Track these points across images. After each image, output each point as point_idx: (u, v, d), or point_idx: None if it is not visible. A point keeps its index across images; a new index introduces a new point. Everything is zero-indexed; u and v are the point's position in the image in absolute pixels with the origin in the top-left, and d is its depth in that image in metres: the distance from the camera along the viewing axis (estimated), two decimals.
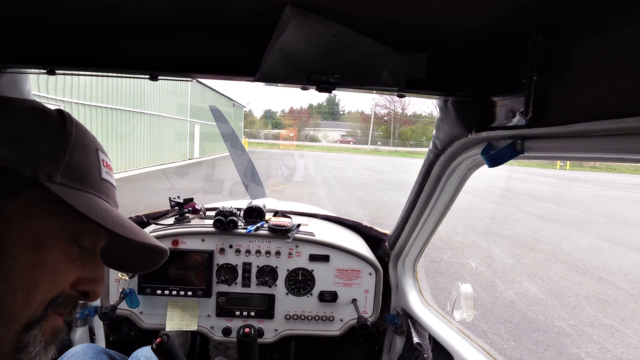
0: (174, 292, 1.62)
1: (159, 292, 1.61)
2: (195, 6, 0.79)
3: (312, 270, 1.69)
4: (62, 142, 0.58)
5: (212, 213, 1.82)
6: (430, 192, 1.41)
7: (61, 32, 0.88)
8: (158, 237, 1.63)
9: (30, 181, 0.53)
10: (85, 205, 0.56)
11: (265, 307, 1.70)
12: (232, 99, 31.81)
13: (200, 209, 1.87)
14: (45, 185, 0.53)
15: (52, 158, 0.56)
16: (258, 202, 1.83)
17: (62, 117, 0.63)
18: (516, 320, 4.42)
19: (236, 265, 1.68)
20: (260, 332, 1.70)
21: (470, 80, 0.96)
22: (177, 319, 1.66)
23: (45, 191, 0.54)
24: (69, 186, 0.56)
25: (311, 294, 1.70)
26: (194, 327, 1.67)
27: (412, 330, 1.71)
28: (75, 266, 0.59)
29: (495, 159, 0.94)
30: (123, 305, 1.60)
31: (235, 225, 1.66)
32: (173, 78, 0.99)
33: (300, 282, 1.70)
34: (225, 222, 1.65)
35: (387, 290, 1.83)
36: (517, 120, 0.88)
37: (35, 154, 0.55)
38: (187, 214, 1.82)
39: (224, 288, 1.68)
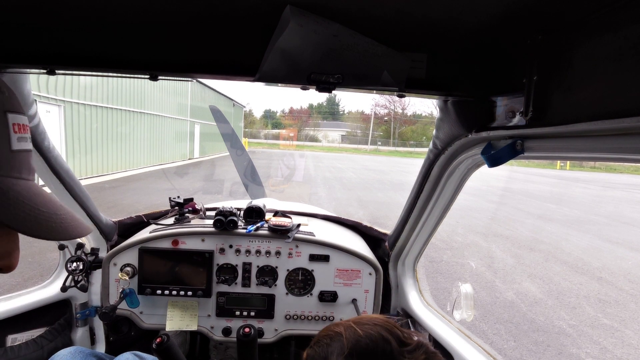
0: (174, 292, 1.62)
1: (159, 292, 1.61)
2: (195, 6, 0.79)
3: (312, 270, 1.69)
4: None
5: (212, 213, 1.82)
6: (430, 192, 1.41)
7: (61, 32, 0.88)
8: (158, 237, 1.63)
9: None
10: None
11: (265, 307, 1.70)
12: (232, 99, 31.81)
13: (200, 209, 1.87)
14: None
15: None
16: (258, 202, 1.83)
17: None
18: (516, 320, 4.42)
19: (236, 265, 1.68)
20: (260, 332, 1.70)
21: (470, 80, 0.96)
22: (177, 319, 1.66)
23: None
24: None
25: (311, 294, 1.70)
26: (194, 327, 1.67)
27: (412, 330, 1.71)
28: None
29: (495, 159, 0.95)
30: (123, 305, 1.60)
31: (235, 225, 1.66)
32: (173, 78, 0.99)
33: (300, 282, 1.70)
34: (225, 222, 1.64)
35: (387, 290, 1.83)
36: (517, 120, 0.89)
37: None
38: (187, 214, 1.82)
39: (224, 288, 1.68)
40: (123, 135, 15.10)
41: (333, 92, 0.95)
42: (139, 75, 0.96)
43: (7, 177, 0.52)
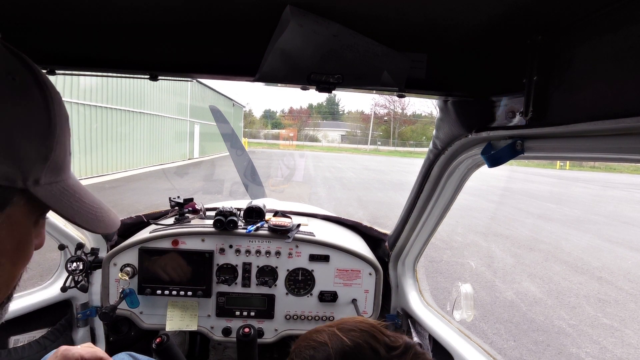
0: (174, 292, 1.62)
1: (159, 292, 1.61)
2: (195, 6, 0.79)
3: (312, 270, 1.69)
4: (49, 136, 0.50)
5: (212, 213, 1.82)
6: (430, 192, 1.41)
7: (61, 32, 0.88)
8: (158, 237, 1.63)
9: (19, 191, 0.48)
10: (67, 205, 0.53)
11: (265, 307, 1.70)
12: (232, 99, 31.82)
13: (200, 209, 1.87)
14: (32, 192, 0.48)
15: (40, 161, 0.49)
16: (258, 202, 1.83)
17: (40, 88, 0.50)
18: (516, 320, 4.42)
19: (236, 265, 1.68)
20: (260, 332, 1.70)
21: (470, 80, 0.96)
22: (177, 319, 1.66)
23: (29, 195, 0.49)
24: (50, 183, 0.51)
25: (311, 294, 1.70)
26: (194, 327, 1.67)
27: (412, 330, 1.71)
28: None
29: (495, 159, 0.95)
30: (123, 305, 1.60)
31: (235, 225, 1.66)
32: (173, 78, 0.99)
33: (300, 282, 1.70)
34: (225, 222, 1.64)
35: (387, 290, 1.83)
36: (517, 120, 0.89)
37: (26, 162, 0.47)
38: (187, 214, 1.82)
39: (224, 288, 1.68)
40: (123, 135, 15.10)
41: (333, 92, 0.95)
42: (139, 76, 0.96)
43: (69, 179, 0.56)
